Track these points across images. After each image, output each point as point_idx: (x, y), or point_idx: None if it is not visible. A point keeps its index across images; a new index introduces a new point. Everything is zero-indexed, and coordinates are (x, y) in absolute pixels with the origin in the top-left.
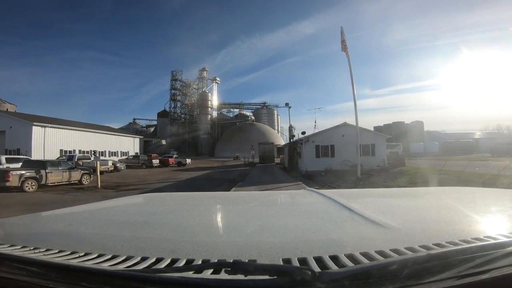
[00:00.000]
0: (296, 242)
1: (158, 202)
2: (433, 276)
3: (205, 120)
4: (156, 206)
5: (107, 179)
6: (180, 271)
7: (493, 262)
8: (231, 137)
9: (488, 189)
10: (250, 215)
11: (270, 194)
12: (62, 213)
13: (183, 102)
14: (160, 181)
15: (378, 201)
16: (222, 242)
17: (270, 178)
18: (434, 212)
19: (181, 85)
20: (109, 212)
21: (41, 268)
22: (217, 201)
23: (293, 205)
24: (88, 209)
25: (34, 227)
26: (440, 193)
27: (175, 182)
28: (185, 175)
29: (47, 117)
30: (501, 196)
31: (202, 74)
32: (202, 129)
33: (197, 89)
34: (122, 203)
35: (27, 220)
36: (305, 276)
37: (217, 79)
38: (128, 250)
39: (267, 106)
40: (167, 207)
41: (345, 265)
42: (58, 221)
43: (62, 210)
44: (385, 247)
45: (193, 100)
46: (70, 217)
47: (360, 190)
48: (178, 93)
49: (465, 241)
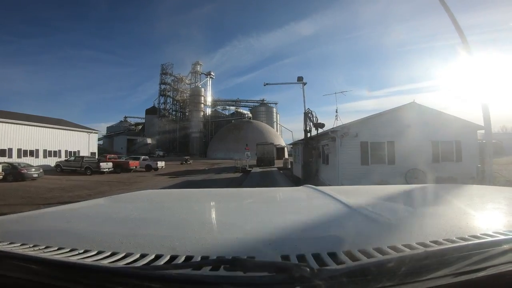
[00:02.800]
0: (295, 239)
1: (157, 199)
2: (431, 273)
3: (197, 117)
4: (155, 203)
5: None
6: (179, 267)
7: (490, 259)
8: (225, 136)
9: (485, 186)
10: (249, 212)
11: (269, 191)
12: (61, 210)
13: (174, 98)
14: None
15: (376, 198)
16: (221, 239)
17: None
18: (432, 209)
19: (173, 80)
20: (108, 209)
21: (41, 265)
22: (216, 198)
23: (292, 202)
24: (87, 206)
25: (33, 225)
26: (437, 190)
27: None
28: (129, 191)
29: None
30: (498, 193)
31: (196, 68)
32: (194, 127)
33: (189, 84)
34: (122, 200)
35: (26, 218)
36: (304, 272)
37: (211, 73)
38: (128, 247)
39: (266, 104)
40: (166, 204)
41: (343, 262)
42: (57, 218)
43: (61, 207)
44: (382, 244)
45: (185, 96)
46: (69, 214)
47: (358, 187)
48: (169, 88)
49: (462, 238)
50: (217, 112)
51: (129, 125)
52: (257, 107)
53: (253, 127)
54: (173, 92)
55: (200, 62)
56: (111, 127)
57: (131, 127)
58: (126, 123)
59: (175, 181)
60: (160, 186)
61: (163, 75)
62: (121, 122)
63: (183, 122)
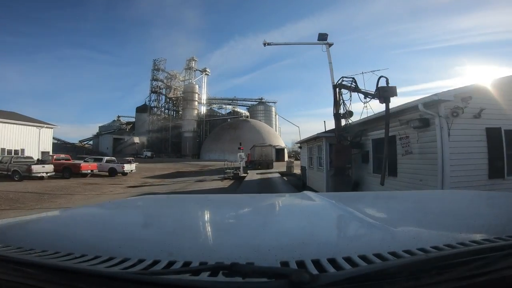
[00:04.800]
0: (294, 245)
1: (156, 204)
2: (431, 279)
3: (190, 115)
4: (154, 208)
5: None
6: (177, 273)
7: (491, 264)
8: (220, 136)
9: (486, 192)
10: (248, 218)
11: (268, 197)
12: (58, 214)
13: (167, 95)
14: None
15: (376, 203)
16: (220, 244)
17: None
18: (432, 214)
19: (166, 77)
20: (106, 214)
21: (37, 269)
22: (215, 204)
23: (291, 208)
24: (84, 210)
25: (29, 229)
26: (438, 195)
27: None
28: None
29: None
30: (499, 198)
31: (190, 64)
32: (186, 126)
33: (183, 81)
34: (119, 205)
35: (23, 222)
36: (303, 278)
37: (207, 70)
38: (125, 251)
39: (265, 102)
40: (165, 209)
41: (343, 267)
42: (54, 222)
43: (59, 211)
44: (383, 250)
45: (179, 94)
46: (66, 219)
47: (358, 193)
48: (162, 86)
49: (463, 244)
50: (212, 111)
51: (120, 124)
52: (255, 106)
53: (250, 126)
54: (166, 89)
55: (195, 58)
56: (103, 127)
57: (122, 126)
58: (118, 122)
59: (127, 195)
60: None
61: (155, 71)
62: (114, 122)
63: (176, 121)
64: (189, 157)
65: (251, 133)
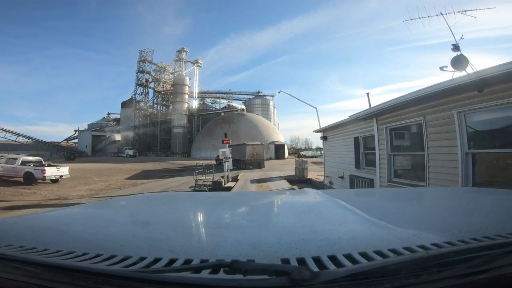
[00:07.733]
0: (295, 242)
1: (157, 202)
2: (431, 276)
3: (180, 110)
4: (155, 206)
5: None
6: (178, 271)
7: (491, 262)
8: (213, 131)
9: (486, 189)
10: (248, 215)
11: (269, 194)
12: (59, 213)
13: (155, 89)
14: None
15: (377, 201)
16: (221, 242)
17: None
18: (432, 212)
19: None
20: (107, 212)
21: (39, 267)
22: (215, 201)
23: (292, 205)
24: (86, 209)
25: (31, 227)
26: (438, 193)
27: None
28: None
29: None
30: (499, 196)
31: (181, 55)
32: (176, 121)
33: (173, 73)
34: (120, 203)
35: (24, 220)
36: (304, 275)
37: (199, 61)
38: (126, 249)
39: (262, 96)
40: (166, 207)
41: (344, 265)
42: (56, 221)
43: (60, 209)
44: (383, 247)
45: (168, 87)
46: (67, 217)
47: (359, 190)
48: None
49: (463, 241)
50: (206, 105)
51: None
52: (251, 100)
53: (246, 121)
54: (155, 82)
55: (186, 48)
56: (92, 124)
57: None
58: (108, 119)
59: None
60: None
61: (141, 63)
62: (103, 119)
63: (165, 116)
64: (178, 155)
65: (247, 127)
